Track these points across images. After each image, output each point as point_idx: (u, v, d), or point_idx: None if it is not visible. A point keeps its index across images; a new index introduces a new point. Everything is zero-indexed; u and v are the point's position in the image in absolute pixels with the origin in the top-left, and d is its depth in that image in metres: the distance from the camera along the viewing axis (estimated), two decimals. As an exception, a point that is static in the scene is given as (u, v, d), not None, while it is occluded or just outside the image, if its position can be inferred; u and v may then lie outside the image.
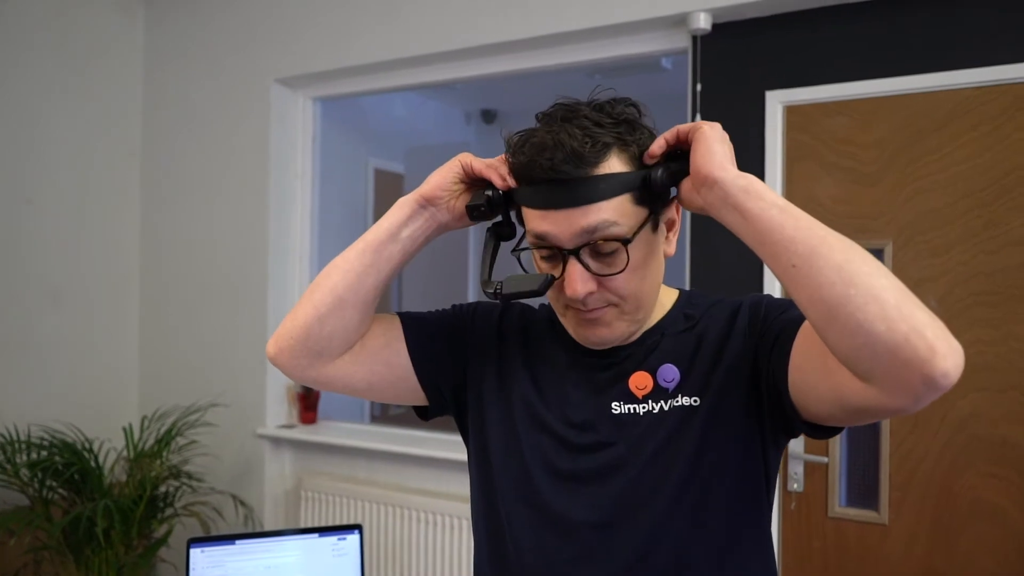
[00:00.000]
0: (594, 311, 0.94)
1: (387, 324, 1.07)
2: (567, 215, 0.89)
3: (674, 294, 1.05)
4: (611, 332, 0.96)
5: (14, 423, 2.73)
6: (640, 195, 0.91)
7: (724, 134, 0.90)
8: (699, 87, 2.35)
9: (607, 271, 0.91)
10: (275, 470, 3.11)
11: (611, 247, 0.90)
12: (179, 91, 3.31)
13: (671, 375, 0.97)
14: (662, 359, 0.98)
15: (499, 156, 0.98)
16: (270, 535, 1.50)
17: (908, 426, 2.11)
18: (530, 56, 2.69)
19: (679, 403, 0.95)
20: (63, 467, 2.66)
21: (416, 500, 2.75)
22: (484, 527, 1.05)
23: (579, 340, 0.99)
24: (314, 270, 3.18)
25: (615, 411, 0.97)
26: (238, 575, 1.46)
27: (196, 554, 1.46)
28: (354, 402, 3.64)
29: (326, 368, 1.03)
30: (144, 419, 2.92)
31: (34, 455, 2.67)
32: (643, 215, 0.92)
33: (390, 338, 1.06)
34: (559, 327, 1.02)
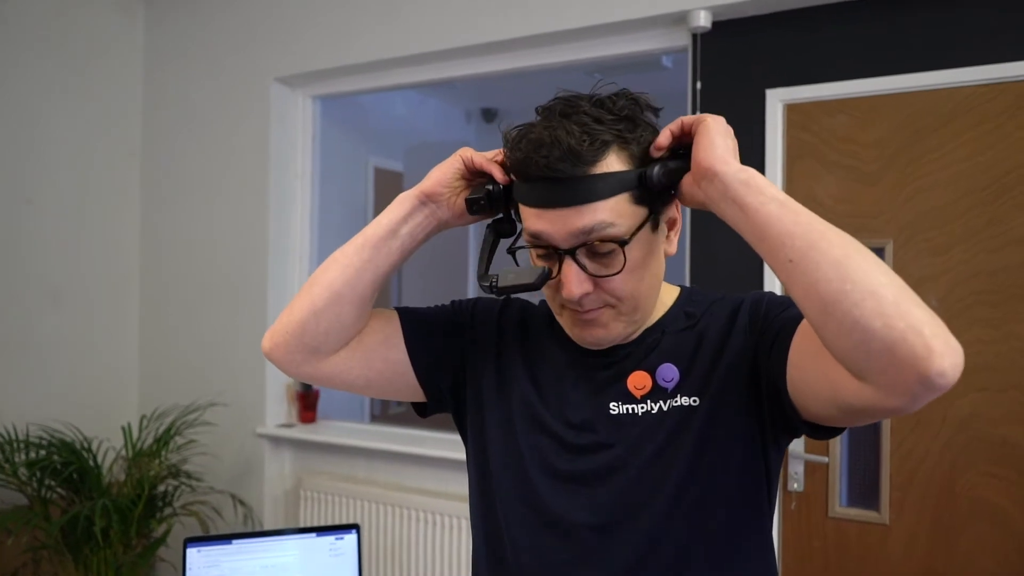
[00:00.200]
0: (590, 312, 0.92)
1: (385, 319, 1.05)
2: (562, 215, 0.87)
3: (675, 291, 1.03)
4: (607, 333, 0.95)
5: (12, 423, 2.73)
6: (639, 194, 0.88)
7: (728, 127, 0.88)
8: (699, 85, 2.34)
9: (603, 272, 0.89)
10: (274, 469, 3.10)
11: (607, 247, 0.88)
12: (179, 91, 3.31)
13: (670, 375, 0.95)
14: (661, 358, 0.96)
15: (499, 150, 0.96)
16: (267, 535, 1.50)
17: (909, 426, 2.10)
18: (530, 54, 2.68)
19: (678, 403, 0.94)
20: (61, 466, 2.65)
21: (416, 500, 2.74)
22: (482, 527, 1.04)
23: (576, 340, 0.98)
24: (314, 269, 3.15)
25: (613, 412, 0.96)
26: (235, 575, 1.46)
27: (193, 554, 1.45)
28: (354, 401, 3.64)
29: (321, 364, 1.02)
30: (143, 418, 2.92)
31: (32, 454, 2.67)
32: (642, 215, 0.89)
33: (388, 334, 1.04)
34: (558, 325, 1.00)
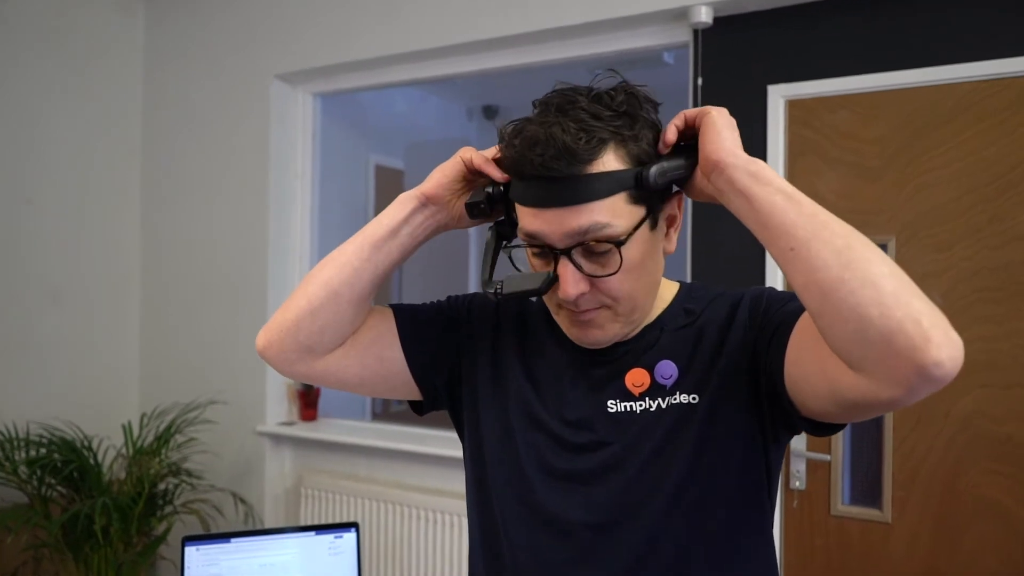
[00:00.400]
0: (587, 312, 0.91)
1: (379, 316, 1.04)
2: (558, 214, 0.85)
3: (674, 287, 1.01)
4: (604, 334, 0.93)
5: (13, 421, 2.73)
6: (636, 193, 0.86)
7: (731, 119, 0.87)
8: (700, 81, 2.33)
9: (600, 272, 0.88)
10: (275, 468, 3.10)
11: (604, 247, 0.86)
12: (179, 89, 3.31)
13: (669, 372, 0.94)
14: (660, 355, 0.95)
15: (495, 147, 0.94)
16: (266, 533, 1.49)
17: (911, 423, 2.09)
18: (531, 51, 2.67)
19: (677, 400, 0.93)
20: (62, 464, 2.65)
21: (417, 498, 2.73)
22: (479, 525, 1.03)
23: (573, 340, 0.96)
24: (314, 267, 3.17)
25: (611, 409, 0.95)
26: (234, 573, 1.45)
27: (191, 552, 1.45)
28: (355, 399, 3.63)
29: (316, 363, 1.01)
30: (143, 416, 2.91)
31: (33, 452, 2.67)
32: (639, 214, 0.88)
33: (382, 331, 1.03)
34: (555, 321, 0.99)
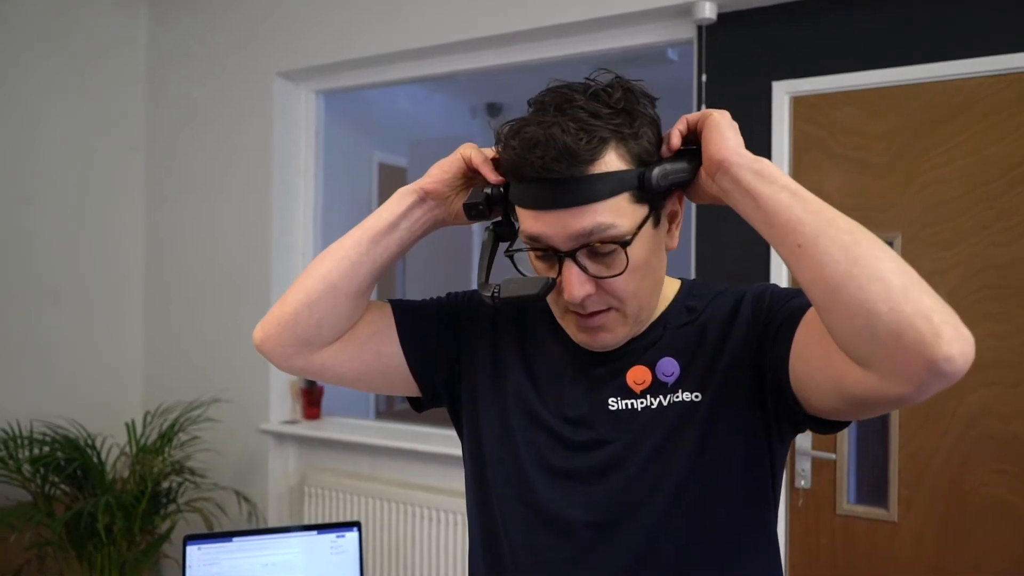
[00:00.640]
0: (595, 316, 0.90)
1: (378, 312, 1.03)
2: (560, 216, 0.84)
3: (676, 285, 1.00)
4: (613, 337, 0.93)
5: (16, 419, 2.73)
6: (639, 193, 0.85)
7: (733, 121, 0.86)
8: (705, 78, 2.31)
9: (605, 273, 0.87)
10: (279, 466, 3.10)
11: (609, 248, 0.85)
12: (181, 88, 3.30)
13: (671, 369, 0.93)
14: (661, 353, 0.94)
15: (494, 147, 0.93)
16: (268, 532, 1.48)
17: (917, 422, 2.07)
18: (534, 48, 2.66)
19: (679, 398, 0.92)
20: (65, 463, 2.65)
21: (421, 496, 2.73)
22: (478, 523, 1.02)
23: (581, 345, 0.95)
24: (317, 264, 3.16)
25: (612, 407, 0.94)
26: (235, 572, 1.45)
27: (193, 551, 1.44)
28: (359, 397, 3.62)
29: (313, 357, 1.00)
30: (147, 415, 2.91)
31: (36, 451, 2.67)
32: (643, 213, 0.86)
33: (381, 326, 1.02)
34: (555, 318, 0.98)
